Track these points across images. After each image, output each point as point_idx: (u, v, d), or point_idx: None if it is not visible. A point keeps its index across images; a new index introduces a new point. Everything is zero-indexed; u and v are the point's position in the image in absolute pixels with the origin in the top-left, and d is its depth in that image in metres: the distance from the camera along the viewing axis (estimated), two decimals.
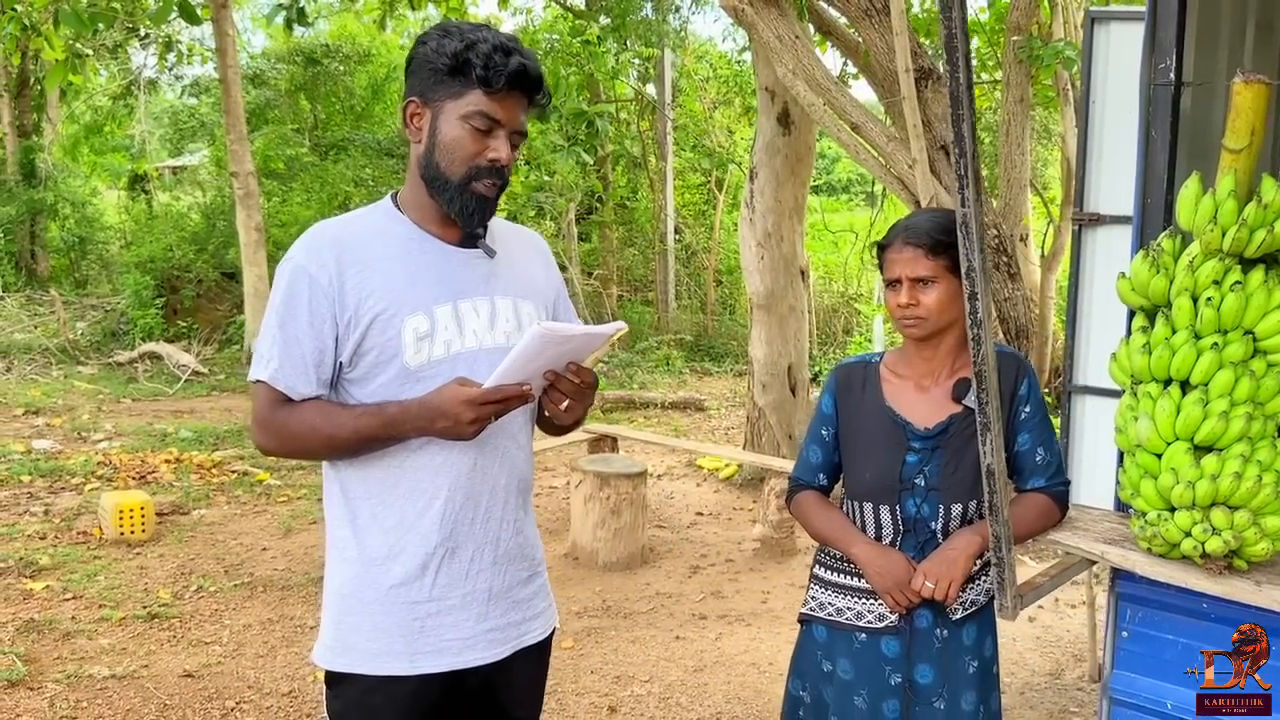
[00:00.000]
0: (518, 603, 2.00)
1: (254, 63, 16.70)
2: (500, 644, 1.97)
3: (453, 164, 1.82)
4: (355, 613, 1.90)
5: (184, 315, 13.29)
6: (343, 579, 1.93)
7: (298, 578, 5.52)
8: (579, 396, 1.85)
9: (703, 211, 15.09)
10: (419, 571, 1.88)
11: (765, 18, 5.92)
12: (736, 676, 4.43)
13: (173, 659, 4.45)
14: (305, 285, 1.82)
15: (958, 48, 1.33)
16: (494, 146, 1.81)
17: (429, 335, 1.84)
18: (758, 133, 7.37)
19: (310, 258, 1.83)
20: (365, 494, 1.89)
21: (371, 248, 1.86)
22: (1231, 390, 1.80)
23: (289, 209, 14.39)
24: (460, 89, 1.80)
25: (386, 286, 1.83)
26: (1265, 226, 1.76)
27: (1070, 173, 8.00)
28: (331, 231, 1.88)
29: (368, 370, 1.85)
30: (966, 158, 1.38)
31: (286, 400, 1.84)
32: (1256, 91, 1.82)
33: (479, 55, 1.77)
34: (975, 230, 1.44)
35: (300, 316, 1.82)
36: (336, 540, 1.95)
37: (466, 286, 1.90)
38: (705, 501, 7.27)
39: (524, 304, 1.97)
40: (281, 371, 1.82)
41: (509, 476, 1.97)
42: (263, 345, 1.85)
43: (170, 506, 6.67)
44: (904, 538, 2.13)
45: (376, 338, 1.83)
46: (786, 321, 7.30)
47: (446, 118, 1.82)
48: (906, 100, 5.32)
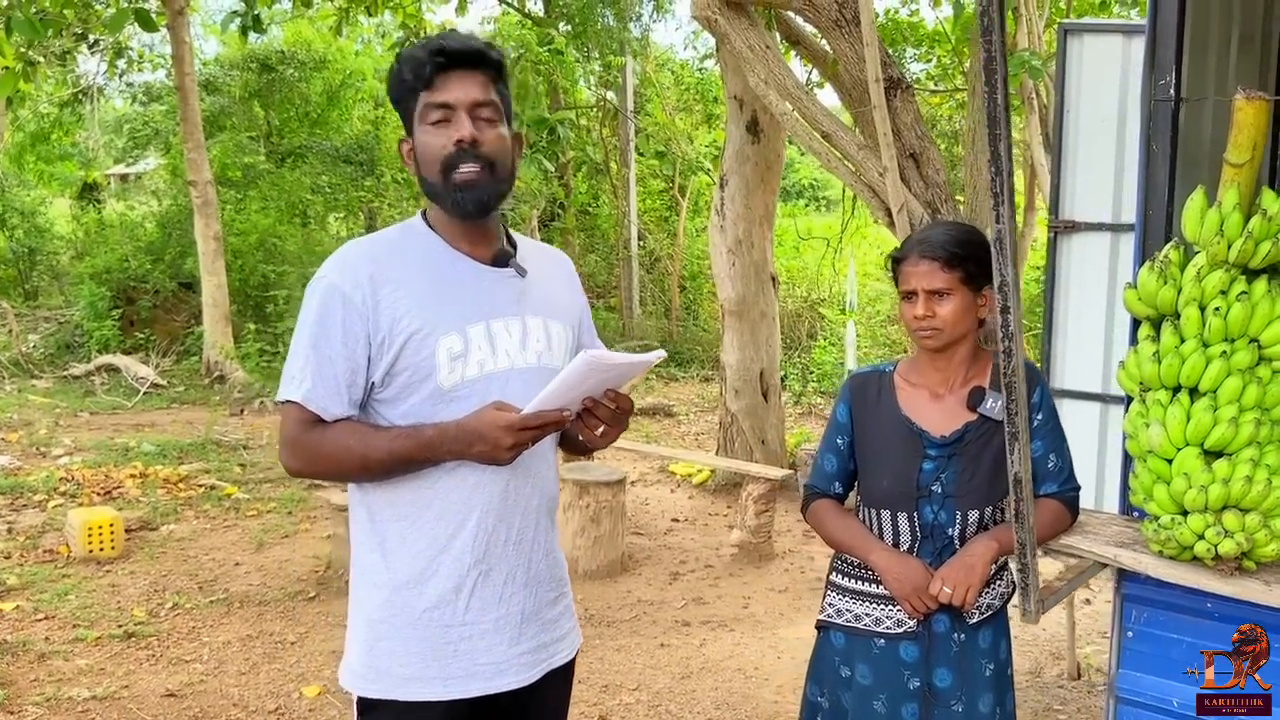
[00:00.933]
0: (547, 624, 1.99)
1: (206, 69, 16.48)
2: (532, 667, 1.96)
3: (430, 167, 1.83)
4: (387, 638, 1.88)
5: (141, 326, 13.07)
6: (373, 604, 1.90)
7: (274, 593, 5.46)
8: (615, 422, 1.84)
9: (665, 218, 15.15)
10: (453, 595, 1.86)
11: (737, 28, 5.97)
12: (724, 683, 4.46)
13: (153, 678, 4.38)
14: (339, 303, 1.80)
15: (996, 70, 1.36)
16: (454, 128, 1.80)
17: (463, 355, 1.83)
18: (727, 140, 7.43)
19: (344, 275, 1.81)
20: (394, 516, 1.87)
21: (405, 266, 1.84)
22: (1239, 396, 1.86)
23: (246, 217, 14.22)
24: (413, 102, 1.84)
25: (420, 306, 1.82)
26: (1270, 238, 1.83)
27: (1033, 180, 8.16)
28: (364, 249, 1.87)
29: (400, 390, 1.83)
30: (1003, 176, 1.41)
31: (317, 421, 1.81)
32: (1258, 108, 1.88)
33: (406, 64, 1.82)
34: (1010, 246, 1.48)
35: (334, 335, 1.80)
36: (365, 565, 1.92)
37: (499, 306, 1.89)
38: (680, 507, 7.30)
39: (554, 324, 1.97)
40: (315, 392, 1.80)
41: (540, 497, 1.96)
42: (293, 365, 1.83)
43: (138, 522, 6.57)
44: (921, 544, 2.16)
45: (411, 358, 1.81)
46: (758, 328, 7.36)
47: (417, 135, 1.85)
48: (877, 109, 5.39)
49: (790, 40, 7.16)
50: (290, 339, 1.89)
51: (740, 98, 7.19)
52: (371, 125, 17.21)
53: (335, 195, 15.54)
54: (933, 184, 5.78)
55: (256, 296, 13.51)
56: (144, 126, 16.73)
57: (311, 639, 4.87)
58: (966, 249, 2.08)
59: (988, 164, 1.41)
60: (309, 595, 5.44)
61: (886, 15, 8.74)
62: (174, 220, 14.37)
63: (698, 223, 14.81)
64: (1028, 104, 6.55)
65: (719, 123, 14.31)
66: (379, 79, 18.01)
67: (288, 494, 7.44)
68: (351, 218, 16.30)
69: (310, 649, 4.75)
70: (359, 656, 1.92)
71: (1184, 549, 1.93)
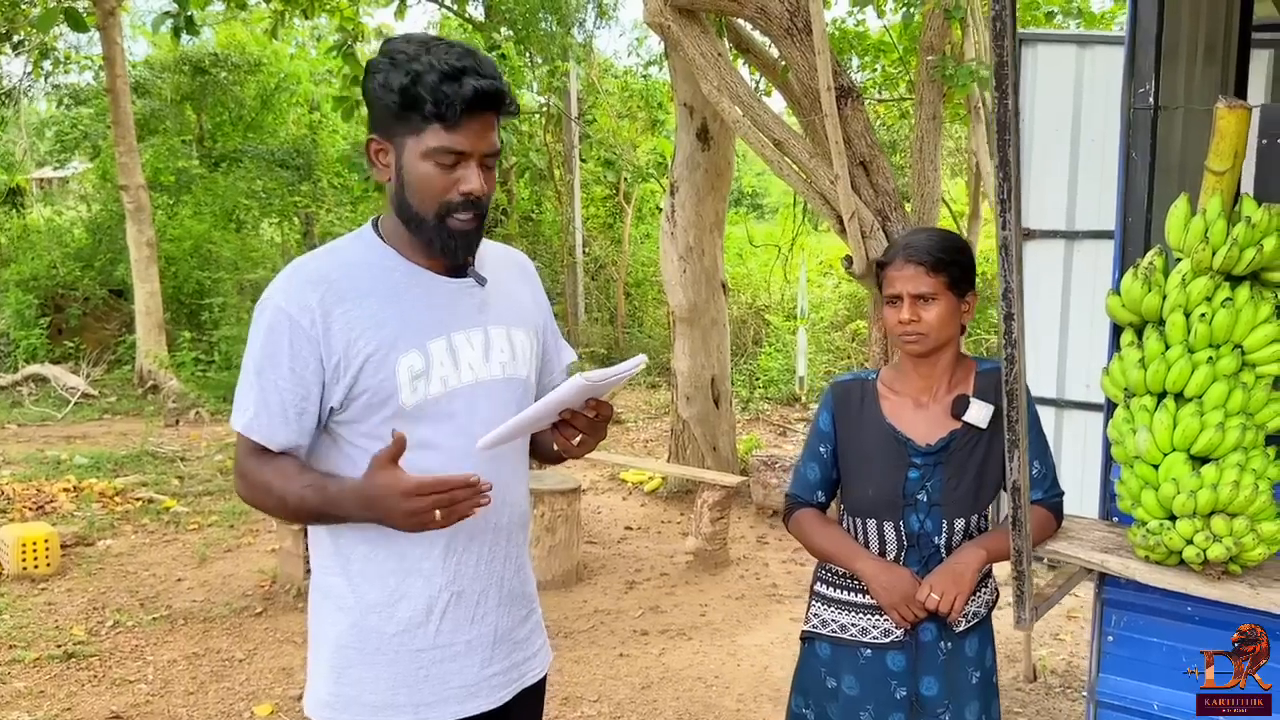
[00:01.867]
0: (518, 643, 1.94)
1: (136, 71, 16.07)
2: (504, 687, 1.91)
3: (424, 203, 1.71)
4: (356, 664, 1.81)
5: (70, 335, 12.69)
6: (339, 630, 1.82)
7: (219, 609, 5.31)
8: (594, 431, 1.78)
9: (608, 224, 15.12)
10: (424, 617, 1.80)
11: (689, 34, 5.97)
12: (685, 692, 4.43)
13: (97, 700, 4.22)
14: (286, 329, 1.70)
15: (1007, 76, 1.35)
16: (464, 179, 1.70)
17: (424, 373, 1.75)
18: (677, 148, 7.42)
19: (291, 299, 1.71)
20: (360, 539, 1.78)
21: (357, 283, 1.74)
22: (1225, 402, 1.88)
23: (179, 223, 13.88)
24: (417, 125, 1.68)
25: (377, 325, 1.73)
26: (1253, 245, 1.85)
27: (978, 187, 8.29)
28: (313, 268, 1.76)
29: (361, 412, 1.75)
30: (1010, 182, 1.41)
31: (262, 451, 1.74)
32: (1239, 116, 1.91)
33: (427, 89, 1.64)
34: (1016, 252, 1.48)
35: (280, 363, 1.71)
36: (327, 588, 1.84)
37: (459, 318, 1.81)
38: (633, 516, 7.26)
39: (517, 332, 1.90)
40: (258, 421, 1.72)
41: (511, 513, 1.89)
42: (240, 393, 1.75)
43: (74, 538, 6.35)
44: (907, 553, 2.15)
45: (369, 379, 1.72)
46: (709, 335, 7.36)
47: (409, 156, 1.70)
48: (829, 117, 5.43)
49: (740, 48, 7.18)
50: (225, 346, 1.81)
51: (690, 105, 7.19)
52: (308, 129, 16.93)
53: (271, 200, 15.24)
54: (882, 191, 5.83)
55: (191, 304, 13.19)
56: (72, 129, 16.25)
57: (260, 656, 4.74)
58: (951, 254, 2.08)
59: (995, 170, 1.40)
60: (256, 611, 5.30)
61: (834, 25, 8.81)
62: (104, 226, 13.99)
63: (642, 229, 14.81)
64: (975, 113, 6.66)
65: (663, 130, 14.34)
66: (314, 82, 17.75)
67: (229, 507, 7.26)
68: (287, 223, 16.00)
69: (260, 666, 4.62)
70: (325, 685, 1.83)
71: (1171, 554, 1.94)
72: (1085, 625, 5.13)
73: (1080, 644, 4.92)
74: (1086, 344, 4.07)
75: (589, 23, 14.21)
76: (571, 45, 13.76)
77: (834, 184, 5.49)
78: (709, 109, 6.98)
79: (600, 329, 14.16)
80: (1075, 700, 4.32)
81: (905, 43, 8.08)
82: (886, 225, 5.67)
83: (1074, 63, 3.98)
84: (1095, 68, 3.95)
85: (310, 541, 1.89)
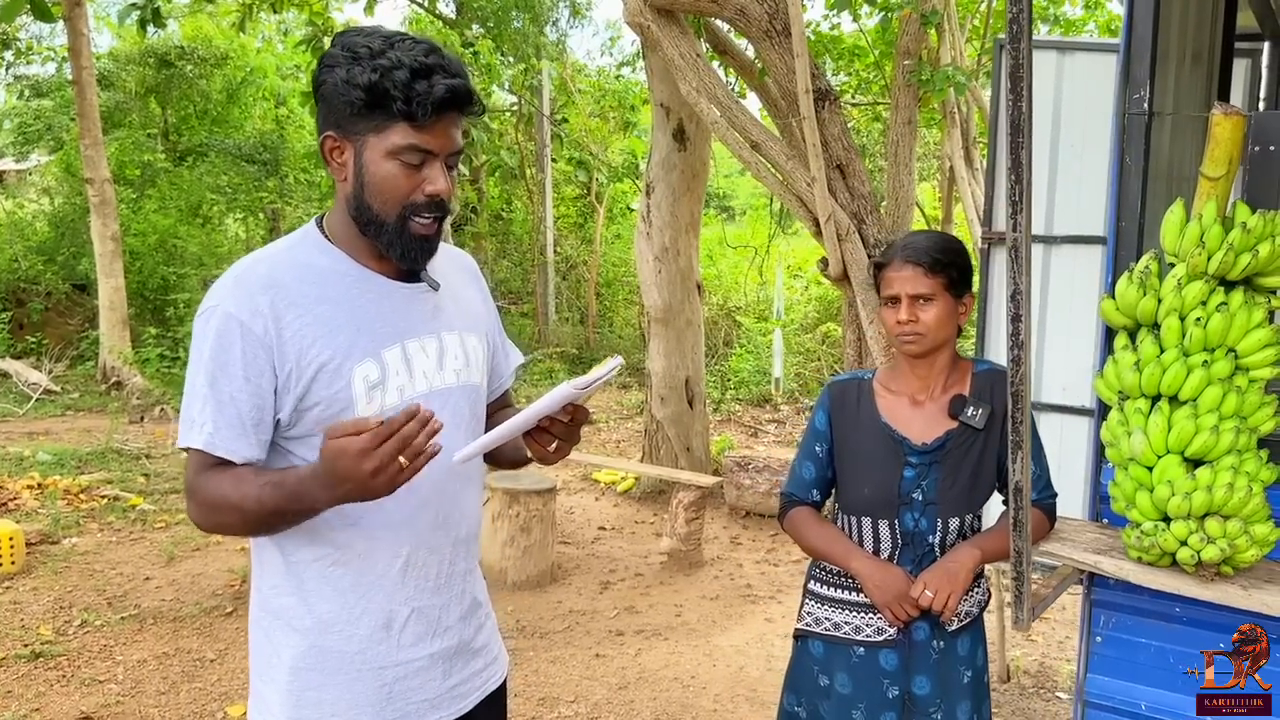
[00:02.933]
0: (477, 652, 1.90)
1: (100, 63, 15.83)
2: (465, 697, 1.86)
3: (386, 204, 1.63)
4: (315, 686, 1.73)
5: (32, 330, 12.48)
6: (295, 651, 1.72)
7: (189, 608, 5.23)
8: (569, 436, 1.73)
9: (579, 224, 15.09)
10: (383, 633, 1.73)
11: (668, 35, 5.97)
12: (661, 692, 4.42)
13: (66, 700, 4.15)
14: (237, 335, 1.60)
15: (1023, 80, 1.36)
16: (429, 178, 1.63)
17: (380, 383, 1.66)
18: (653, 148, 7.42)
19: (240, 304, 1.61)
20: (314, 557, 1.70)
21: (307, 289, 1.65)
22: (1219, 405, 1.91)
23: (144, 218, 13.69)
24: (382, 122, 1.60)
25: (330, 332, 1.64)
26: (1248, 251, 1.87)
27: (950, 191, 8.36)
28: (261, 271, 1.65)
29: (313, 425, 1.64)
30: (1022, 184, 1.42)
31: (218, 463, 1.61)
32: (1235, 123, 1.93)
33: (397, 86, 1.56)
34: (1025, 254, 1.49)
35: (234, 372, 1.60)
36: (278, 609, 1.74)
37: (412, 325, 1.73)
38: (607, 516, 7.25)
39: (470, 337, 1.83)
40: (219, 436, 1.60)
41: (468, 524, 1.85)
42: (191, 408, 1.62)
43: (38, 535, 6.23)
44: (902, 551, 2.16)
45: (323, 391, 1.63)
46: (684, 335, 7.37)
47: (371, 154, 1.62)
48: (806, 120, 5.45)
49: (717, 49, 7.20)
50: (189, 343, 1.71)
51: (667, 105, 7.20)
52: (275, 124, 16.77)
53: (236, 196, 15.07)
54: (858, 195, 5.87)
55: (156, 300, 13.03)
56: (35, 121, 15.98)
57: (232, 656, 4.68)
58: (949, 256, 2.10)
59: (1008, 172, 1.41)
60: (226, 611, 5.23)
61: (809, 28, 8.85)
62: (67, 219, 13.78)
63: (613, 230, 14.80)
64: (950, 118, 6.71)
65: (635, 130, 14.34)
66: (281, 76, 17.58)
67: None
68: (253, 219, 15.83)
69: (231, 666, 4.56)
70: (282, 709, 1.74)
71: (1164, 555, 1.97)
72: (1057, 627, 5.19)
73: (1052, 645, 4.98)
74: (1064, 348, 4.10)
75: (562, 22, 14.18)
76: (544, 44, 13.72)
77: (811, 186, 5.52)
78: (686, 109, 6.99)
79: (571, 329, 14.13)
80: (1049, 700, 4.36)
81: (881, 47, 8.13)
82: (862, 228, 5.71)
83: (1054, 69, 4.01)
84: (1075, 74, 3.98)
85: (254, 563, 1.79)
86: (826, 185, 5.49)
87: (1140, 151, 2.10)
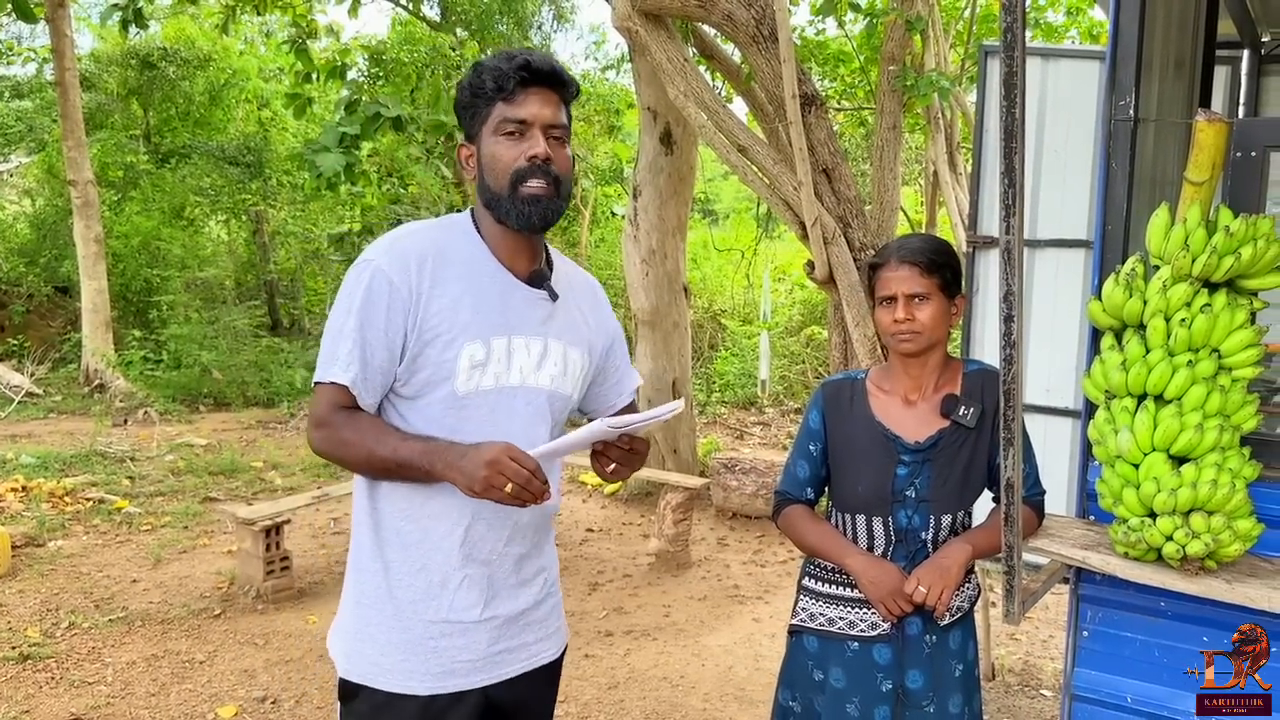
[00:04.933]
0: (531, 624, 2.00)
1: (82, 65, 15.75)
2: (508, 664, 1.97)
3: (498, 176, 1.83)
4: (372, 624, 1.90)
5: (13, 332, 12.40)
6: (362, 588, 1.92)
7: (177, 610, 5.23)
8: (627, 462, 1.87)
9: (564, 228, 15.11)
10: (438, 590, 1.88)
11: (656, 39, 6.01)
12: (651, 692, 4.45)
13: (56, 702, 4.14)
14: (386, 291, 1.78)
15: (1017, 86, 1.40)
16: (529, 144, 1.82)
17: (482, 365, 1.84)
18: (640, 152, 7.46)
19: (394, 265, 1.79)
20: (392, 508, 1.88)
21: (449, 267, 1.85)
22: (1204, 403, 1.96)
23: (126, 219, 13.63)
24: (484, 111, 1.84)
25: (454, 309, 1.82)
26: (1231, 253, 1.93)
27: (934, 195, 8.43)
28: (415, 240, 1.85)
29: (419, 389, 1.83)
30: (1015, 188, 1.46)
31: (350, 406, 1.81)
32: (1218, 130, 1.99)
33: (488, 73, 1.82)
34: (1017, 256, 1.53)
35: (378, 323, 1.78)
36: (360, 544, 1.94)
37: (525, 323, 1.90)
38: (594, 517, 7.28)
39: (574, 351, 1.99)
40: (360, 377, 1.78)
41: (530, 513, 1.95)
42: (339, 346, 1.79)
43: (23, 538, 6.21)
44: (895, 548, 2.20)
45: (435, 356, 1.81)
46: (670, 338, 7.41)
47: (484, 143, 1.85)
48: (793, 125, 5.50)
49: (704, 54, 7.25)
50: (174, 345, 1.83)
51: (654, 109, 7.24)
52: (259, 126, 16.71)
53: (219, 198, 15.02)
54: (844, 198, 5.92)
55: (139, 302, 12.98)
56: (16, 122, 15.88)
57: (221, 658, 4.68)
58: (943, 257, 2.15)
59: (1001, 176, 1.45)
60: (214, 613, 5.23)
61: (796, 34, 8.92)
62: (49, 221, 13.69)
63: (598, 234, 14.82)
64: (934, 123, 6.77)
65: (620, 134, 14.37)
66: (264, 79, 17.53)
67: (183, 507, 7.15)
68: (236, 221, 15.78)
69: (221, 668, 4.56)
70: (346, 636, 1.93)
71: (1150, 550, 2.01)
72: (1041, 626, 5.25)
73: (1036, 644, 5.04)
74: (1048, 350, 4.16)
75: (546, 26, 14.20)
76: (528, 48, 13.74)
77: (797, 190, 5.57)
78: (673, 113, 7.03)
79: None
80: (1033, 698, 4.42)
81: (866, 53, 8.20)
82: (848, 232, 5.76)
83: (1038, 75, 4.08)
84: (1059, 80, 4.04)
85: (355, 499, 1.96)
86: (813, 189, 5.54)
87: (1126, 157, 2.15)
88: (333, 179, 7.15)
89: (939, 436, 2.18)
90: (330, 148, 7.09)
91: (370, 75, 12.20)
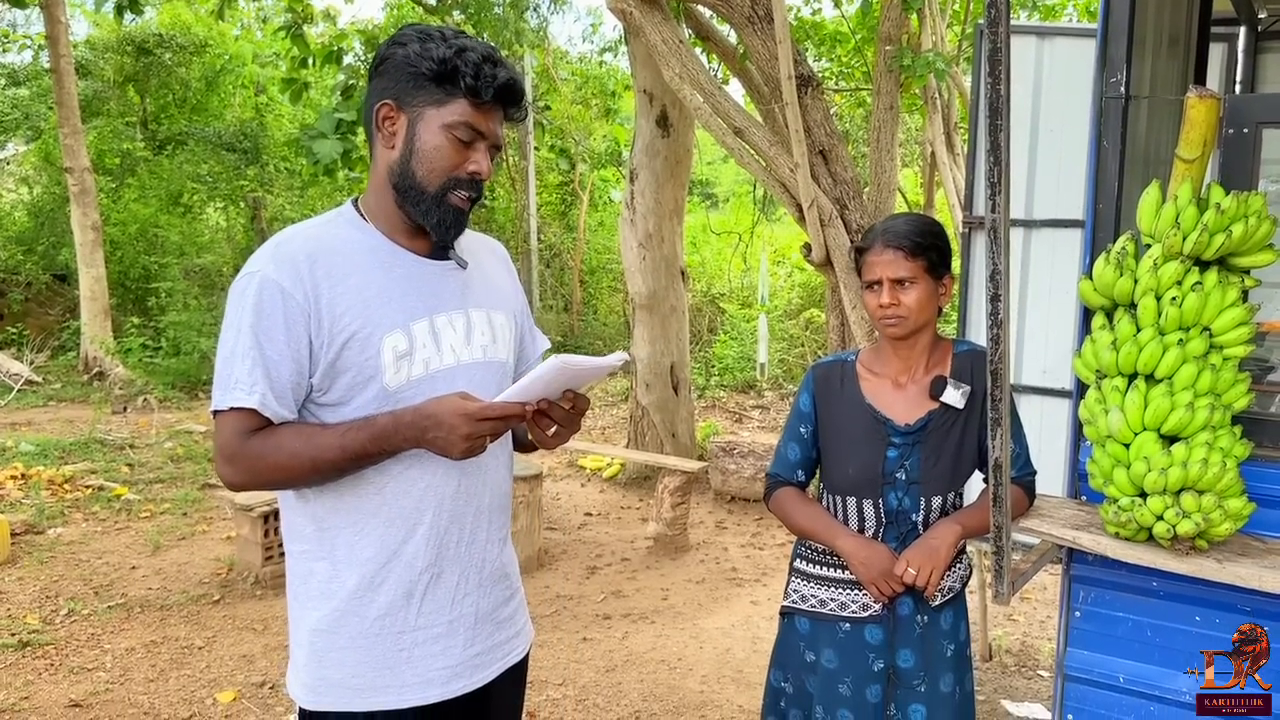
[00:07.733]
0: (500, 623, 1.94)
1: (77, 51, 15.68)
2: (486, 667, 1.91)
3: (431, 173, 1.73)
4: (338, 648, 1.79)
5: (12, 321, 12.40)
6: (320, 615, 1.80)
7: (176, 597, 5.24)
8: (568, 423, 1.76)
9: (562, 212, 15.08)
10: (404, 600, 1.79)
11: (651, 21, 5.98)
12: (649, 674, 4.46)
13: (55, 689, 4.16)
14: (279, 301, 1.67)
15: (1001, 63, 1.39)
16: (475, 158, 1.74)
17: (408, 354, 1.74)
18: (636, 135, 7.43)
19: (283, 271, 1.68)
20: (343, 524, 1.77)
21: (343, 260, 1.73)
22: (1194, 382, 1.95)
23: (124, 207, 13.60)
24: (444, 96, 1.72)
25: (362, 303, 1.72)
26: (1222, 231, 1.91)
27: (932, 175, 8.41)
28: (300, 242, 1.73)
29: (343, 393, 1.72)
30: (1001, 166, 1.45)
31: (258, 429, 1.68)
32: (1209, 106, 1.97)
33: (468, 64, 1.70)
34: (1004, 235, 1.52)
35: (277, 335, 1.67)
36: (309, 574, 1.81)
37: (441, 300, 1.81)
38: (593, 502, 7.29)
39: (497, 315, 1.91)
40: (269, 397, 1.67)
41: (493, 495, 1.90)
42: (237, 369, 1.67)
43: (23, 525, 6.23)
44: (886, 529, 2.20)
45: (354, 358, 1.71)
46: (668, 321, 7.39)
47: (427, 125, 1.73)
48: (789, 106, 5.47)
49: (699, 35, 7.21)
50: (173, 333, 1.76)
51: (650, 92, 7.20)
52: (255, 112, 16.66)
53: (217, 184, 14.97)
54: (841, 180, 5.89)
55: (137, 289, 12.96)
56: (12, 110, 15.84)
57: (220, 643, 4.69)
58: (929, 239, 2.13)
59: (987, 154, 1.44)
60: (213, 599, 5.24)
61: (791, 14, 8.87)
62: (46, 209, 13.67)
63: (596, 217, 14.78)
64: (931, 103, 6.74)
65: (617, 117, 14.32)
66: (260, 64, 17.45)
67: (182, 494, 7.16)
68: (234, 207, 15.74)
69: (220, 654, 4.57)
70: (307, 668, 1.82)
71: (1141, 530, 2.01)
72: (1038, 606, 5.26)
73: (1033, 624, 5.05)
74: (1044, 331, 4.15)
75: (543, 8, 14.12)
76: (525, 30, 13.67)
77: (794, 172, 5.54)
78: (669, 96, 7.00)
79: (555, 316, 14.13)
80: (1030, 679, 4.42)
81: (862, 33, 8.16)
82: (845, 214, 5.74)
83: (1033, 53, 4.04)
84: (1055, 59, 4.01)
85: (285, 528, 1.85)
86: (809, 171, 5.52)
87: (1117, 135, 2.14)
88: (330, 165, 7.14)
89: (929, 418, 2.18)
90: (327, 133, 7.09)
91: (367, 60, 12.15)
